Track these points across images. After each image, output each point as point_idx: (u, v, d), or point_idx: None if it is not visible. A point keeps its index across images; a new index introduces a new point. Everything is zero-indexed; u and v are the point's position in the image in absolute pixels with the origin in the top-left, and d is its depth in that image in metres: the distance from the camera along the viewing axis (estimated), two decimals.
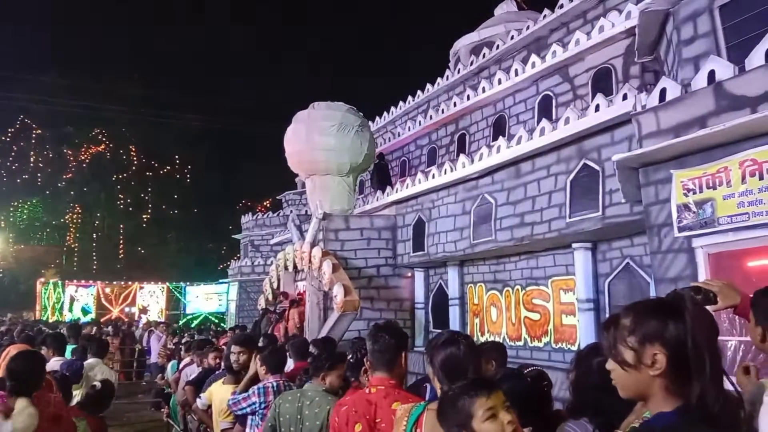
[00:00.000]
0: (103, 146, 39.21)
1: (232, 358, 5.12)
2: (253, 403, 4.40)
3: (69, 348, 6.99)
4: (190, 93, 46.05)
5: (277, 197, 23.80)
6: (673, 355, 1.48)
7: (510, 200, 8.65)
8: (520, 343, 9.20)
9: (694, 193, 5.21)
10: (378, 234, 11.29)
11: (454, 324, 10.14)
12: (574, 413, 2.45)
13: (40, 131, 38.36)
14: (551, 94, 10.29)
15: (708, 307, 2.00)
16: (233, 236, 24.85)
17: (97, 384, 4.62)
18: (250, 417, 4.45)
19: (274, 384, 4.45)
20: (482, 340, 9.29)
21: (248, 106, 48.52)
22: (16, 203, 37.70)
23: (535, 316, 8.97)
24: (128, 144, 39.78)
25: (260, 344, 5.72)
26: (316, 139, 11.31)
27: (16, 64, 37.56)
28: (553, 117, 9.68)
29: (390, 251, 11.30)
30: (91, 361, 6.47)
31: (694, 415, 1.44)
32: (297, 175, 18.96)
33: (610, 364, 1.60)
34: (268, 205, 36.21)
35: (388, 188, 11.88)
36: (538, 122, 8.57)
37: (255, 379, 4.71)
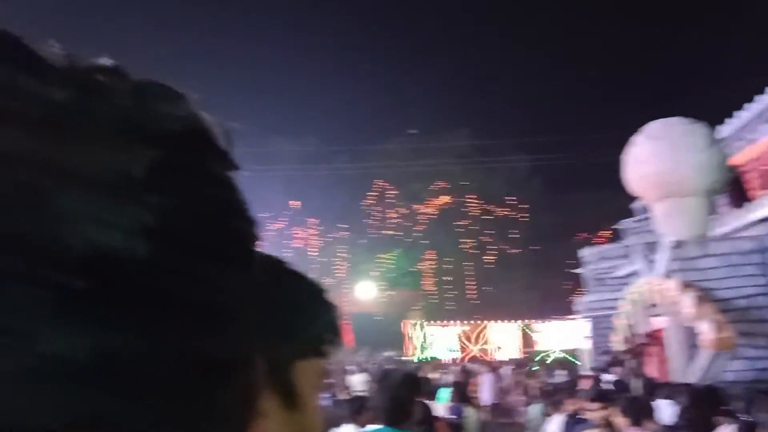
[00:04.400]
0: (450, 198, 43.98)
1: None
2: None
3: None
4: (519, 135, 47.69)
5: (614, 227, 22.80)
6: None
7: None
8: None
9: None
10: (746, 259, 9.89)
11: None
12: None
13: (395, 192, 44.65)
14: None
15: None
16: (571, 270, 24.59)
17: None
18: None
19: None
20: None
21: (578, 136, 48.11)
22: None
23: None
24: (467, 192, 43.74)
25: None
26: (684, 157, 10.44)
27: None
28: None
29: (764, 278, 9.77)
30: None
31: None
32: (632, 202, 17.95)
33: None
34: (607, 236, 35.04)
35: (747, 204, 10.40)
36: None
37: None
